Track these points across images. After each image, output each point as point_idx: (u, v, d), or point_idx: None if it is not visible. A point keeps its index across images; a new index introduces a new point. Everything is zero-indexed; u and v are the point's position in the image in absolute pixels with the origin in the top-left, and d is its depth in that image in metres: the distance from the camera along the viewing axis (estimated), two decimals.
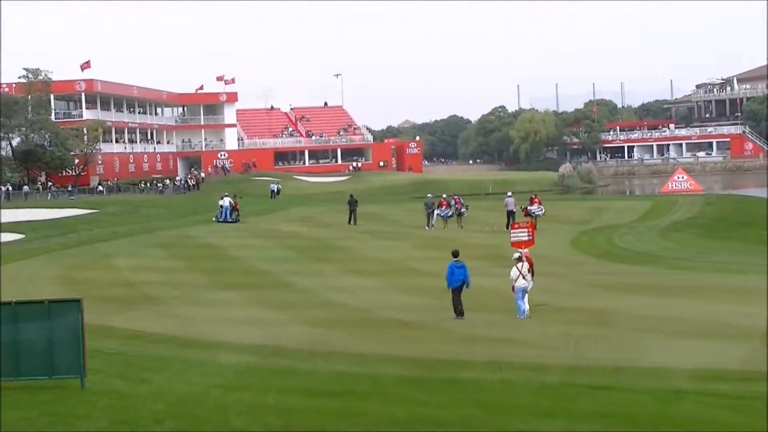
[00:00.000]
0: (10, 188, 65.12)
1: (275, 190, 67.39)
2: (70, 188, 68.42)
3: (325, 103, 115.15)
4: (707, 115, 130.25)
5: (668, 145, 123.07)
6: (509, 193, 41.04)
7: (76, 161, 73.27)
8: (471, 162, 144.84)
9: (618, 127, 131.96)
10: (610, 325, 16.87)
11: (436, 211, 39.98)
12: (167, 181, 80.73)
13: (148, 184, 78.36)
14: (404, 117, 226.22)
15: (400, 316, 19.08)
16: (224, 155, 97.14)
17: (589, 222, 42.55)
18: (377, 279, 25.12)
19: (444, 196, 41.47)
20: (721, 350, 13.59)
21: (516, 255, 19.53)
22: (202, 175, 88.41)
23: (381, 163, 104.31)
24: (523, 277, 19.01)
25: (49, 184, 70.33)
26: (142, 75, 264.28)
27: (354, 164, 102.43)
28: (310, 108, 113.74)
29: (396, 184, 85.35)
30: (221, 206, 48.70)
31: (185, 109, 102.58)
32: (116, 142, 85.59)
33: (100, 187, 72.37)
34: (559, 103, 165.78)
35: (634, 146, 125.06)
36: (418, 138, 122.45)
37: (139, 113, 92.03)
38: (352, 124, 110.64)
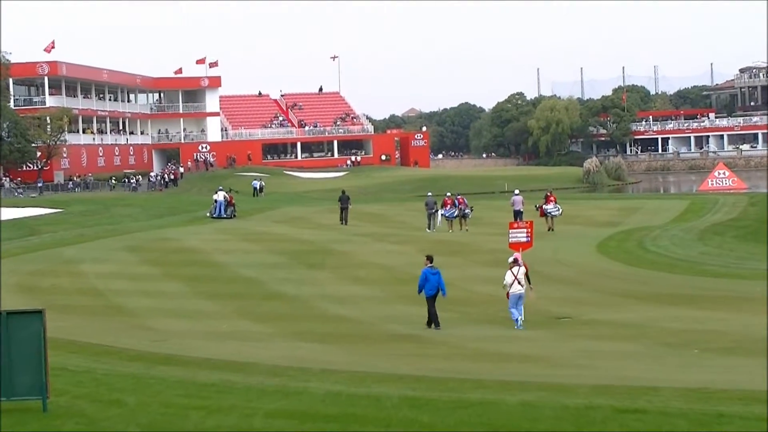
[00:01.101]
0: None
1: (258, 187, 67.59)
2: (37, 185, 68.44)
3: (320, 89, 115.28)
4: (752, 103, 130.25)
5: (707, 136, 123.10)
6: (517, 191, 41.19)
7: (38, 154, 73.35)
8: (484, 156, 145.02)
9: (651, 117, 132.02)
10: (641, 340, 16.88)
11: (440, 212, 40.18)
12: (141, 177, 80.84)
13: (120, 181, 78.47)
14: (409, 105, 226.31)
15: (403, 329, 19.10)
16: (206, 147, 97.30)
17: (617, 224, 42.56)
18: (378, 288, 25.15)
19: (448, 194, 41.62)
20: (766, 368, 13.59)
21: (511, 258, 19.84)
22: (181, 169, 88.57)
23: (383, 157, 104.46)
24: (519, 283, 19.26)
25: (7, 179, 70.40)
26: (113, 57, 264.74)
27: (352, 158, 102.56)
28: (303, 94, 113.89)
29: (400, 180, 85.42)
30: (215, 201, 49.85)
31: (162, 95, 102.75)
32: (83, 132, 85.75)
33: (71, 184, 72.49)
34: (585, 90, 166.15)
35: (668, 138, 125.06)
36: (425, 129, 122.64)
37: (109, 100, 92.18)
38: (351, 112, 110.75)
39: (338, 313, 21.19)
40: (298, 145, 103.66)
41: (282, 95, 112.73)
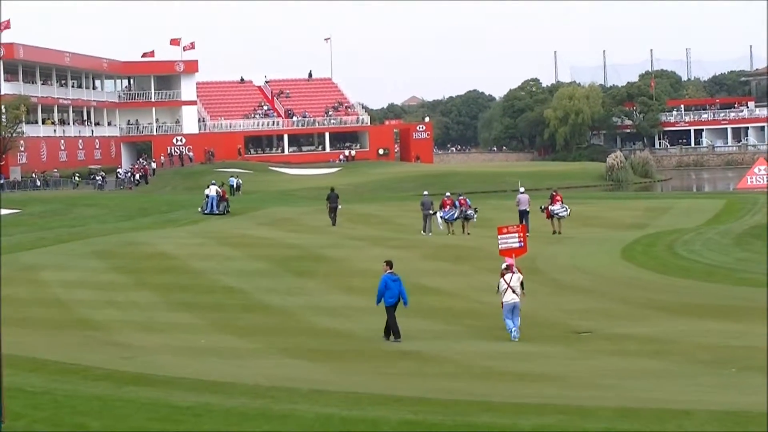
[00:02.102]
0: None
1: (234, 185, 67.81)
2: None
3: (310, 75, 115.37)
4: None
5: (746, 128, 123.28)
6: (522, 189, 41.26)
7: None
8: (495, 149, 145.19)
9: (682, 106, 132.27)
10: (672, 356, 16.90)
11: (438, 213, 40.30)
12: (108, 174, 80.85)
13: (84, 178, 78.48)
14: (410, 93, 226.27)
15: (403, 345, 19.12)
16: (181, 140, 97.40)
17: (644, 226, 42.60)
18: (374, 298, 25.13)
19: (447, 194, 41.67)
20: None
21: (504, 265, 20.17)
22: (153, 165, 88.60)
23: (381, 151, 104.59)
24: (513, 291, 19.55)
25: None
26: (76, 39, 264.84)
27: (346, 152, 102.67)
28: (290, 81, 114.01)
29: (399, 177, 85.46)
30: (207, 196, 51.34)
31: (131, 81, 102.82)
32: (43, 123, 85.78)
33: (29, 181, 72.43)
34: (608, 76, 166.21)
35: (702, 130, 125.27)
36: (427, 119, 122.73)
37: (72, 87, 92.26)
38: (344, 101, 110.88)
39: (330, 327, 21.19)
40: (285, 137, 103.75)
41: (267, 82, 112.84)
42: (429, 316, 22.76)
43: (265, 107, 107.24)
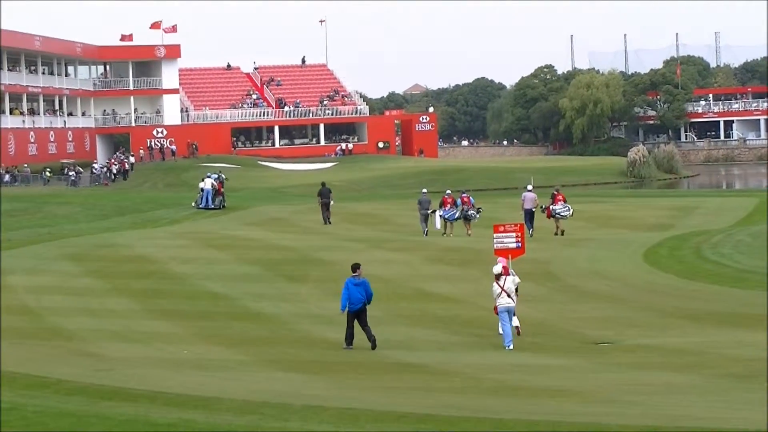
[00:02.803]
0: None
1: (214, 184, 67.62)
2: None
3: (303, 61, 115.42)
4: None
5: None
6: (529, 187, 41.30)
7: None
8: (505, 143, 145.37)
9: (711, 95, 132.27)
10: (699, 370, 16.88)
11: (437, 212, 40.39)
12: (82, 169, 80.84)
13: (56, 173, 78.44)
14: (413, 81, 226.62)
15: (406, 356, 19.12)
16: (162, 132, 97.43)
17: (669, 227, 42.61)
18: (374, 305, 25.13)
19: (448, 192, 41.68)
20: None
21: (498, 267, 20.37)
22: (131, 159, 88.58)
23: (380, 145, 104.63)
24: (508, 295, 19.83)
25: None
26: (48, 21, 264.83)
27: (343, 146, 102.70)
28: (282, 67, 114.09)
29: (401, 173, 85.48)
30: (202, 189, 52.05)
31: (108, 68, 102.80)
32: (11, 113, 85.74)
33: (6, 177, 72.34)
34: (629, 62, 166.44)
35: (733, 121, 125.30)
36: (432, 109, 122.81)
37: (43, 74, 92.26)
38: (341, 89, 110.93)
39: (325, 337, 21.18)
40: (276, 129, 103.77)
41: (256, 68, 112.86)
42: (434, 325, 22.76)
43: (254, 96, 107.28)
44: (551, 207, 39.42)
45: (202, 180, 53.57)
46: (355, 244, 36.97)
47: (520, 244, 22.69)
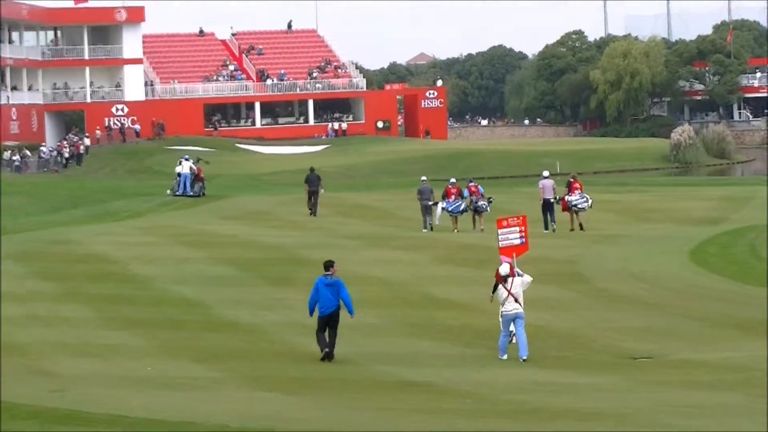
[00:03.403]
0: None
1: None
2: None
3: (289, 26, 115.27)
4: None
5: None
6: (546, 173, 41.28)
7: None
8: (527, 122, 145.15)
9: None
10: (753, 389, 16.87)
11: (440, 204, 40.43)
12: (29, 152, 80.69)
13: None
14: (418, 49, 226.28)
15: (410, 373, 19.12)
16: (123, 110, 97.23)
17: (720, 221, 42.56)
18: (373, 313, 25.12)
19: (452, 181, 41.67)
20: None
21: (505, 268, 20.58)
22: (87, 141, 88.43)
23: (380, 124, 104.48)
24: (515, 299, 20.06)
25: None
26: None
27: (336, 125, 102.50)
28: (264, 33, 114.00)
29: (404, 158, 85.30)
30: (179, 174, 52.00)
31: (59, 33, 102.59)
32: None
33: None
34: (672, 28, 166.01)
35: None
36: (440, 83, 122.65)
37: None
38: (333, 59, 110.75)
39: (313, 350, 21.14)
40: (257, 106, 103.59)
41: (233, 34, 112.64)
42: (443, 336, 22.76)
43: (231, 67, 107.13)
44: (567, 198, 39.31)
45: (179, 163, 53.61)
46: (350, 242, 36.93)
47: (524, 240, 22.54)
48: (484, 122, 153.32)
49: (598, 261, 32.10)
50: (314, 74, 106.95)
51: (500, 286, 20.51)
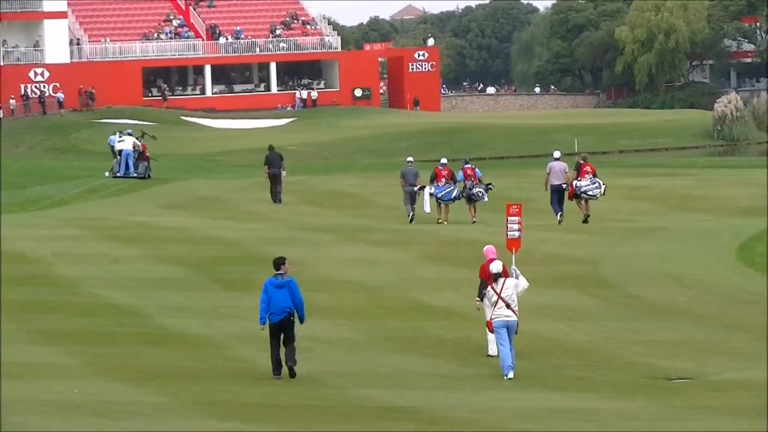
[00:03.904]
0: None
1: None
2: None
3: None
4: None
5: None
6: (557, 154, 41.00)
7: None
8: (538, 90, 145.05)
9: None
10: None
11: (427, 189, 40.18)
12: None
13: None
14: (405, 2, 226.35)
15: (394, 396, 19.07)
16: (43, 74, 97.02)
17: None
18: (348, 324, 25.12)
19: (443, 161, 41.46)
20: None
21: (497, 265, 20.68)
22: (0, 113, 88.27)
23: (358, 93, 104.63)
24: (507, 305, 20.10)
25: None
26: None
27: (304, 94, 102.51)
28: None
29: (388, 133, 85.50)
30: (119, 152, 52.18)
31: None
32: None
33: None
34: None
35: None
36: (432, 42, 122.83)
37: None
38: (301, 13, 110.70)
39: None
40: (207, 69, 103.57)
41: None
42: (434, 352, 22.78)
43: (176, 23, 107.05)
44: (575, 183, 39.16)
45: (120, 138, 53.48)
46: (321, 236, 36.93)
47: (520, 232, 22.91)
48: (491, 89, 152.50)
49: (625, 261, 32.05)
50: (277, 31, 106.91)
51: (489, 287, 20.52)
